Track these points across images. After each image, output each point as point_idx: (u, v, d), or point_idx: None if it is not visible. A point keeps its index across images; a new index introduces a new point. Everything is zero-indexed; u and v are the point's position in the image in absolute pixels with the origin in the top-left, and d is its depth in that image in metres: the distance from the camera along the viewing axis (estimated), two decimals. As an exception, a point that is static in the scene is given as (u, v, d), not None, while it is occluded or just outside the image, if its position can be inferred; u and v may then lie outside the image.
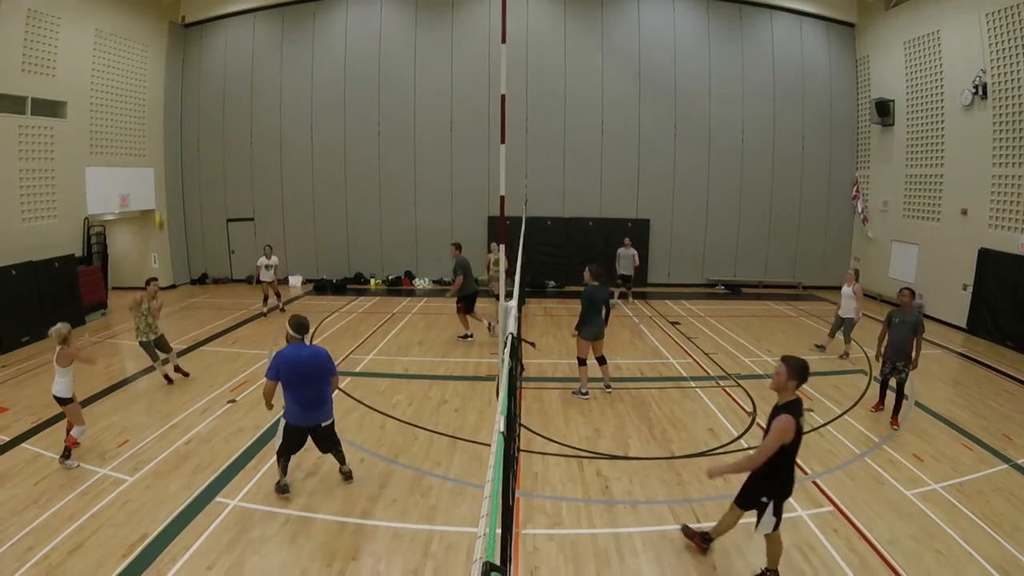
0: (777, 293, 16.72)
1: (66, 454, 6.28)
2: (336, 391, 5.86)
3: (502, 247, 5.68)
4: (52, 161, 12.50)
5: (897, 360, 7.46)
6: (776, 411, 4.33)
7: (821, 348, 10.97)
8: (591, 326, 8.19)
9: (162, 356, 8.89)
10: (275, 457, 5.79)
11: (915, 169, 14.50)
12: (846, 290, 10.25)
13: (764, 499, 4.36)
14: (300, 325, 5.51)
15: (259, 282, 13.51)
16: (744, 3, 16.52)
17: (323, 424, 5.62)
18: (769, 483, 4.34)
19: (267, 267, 13.30)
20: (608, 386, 8.61)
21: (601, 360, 8.54)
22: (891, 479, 6.18)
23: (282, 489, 5.67)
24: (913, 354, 7.45)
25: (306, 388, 5.41)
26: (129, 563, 4.68)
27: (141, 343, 8.72)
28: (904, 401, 7.60)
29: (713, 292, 16.95)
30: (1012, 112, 11.48)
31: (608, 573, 4.68)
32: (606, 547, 4.99)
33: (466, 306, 11.08)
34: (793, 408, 4.24)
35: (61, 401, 6.44)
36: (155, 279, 9.08)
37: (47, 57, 12.27)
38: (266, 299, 13.63)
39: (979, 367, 10.33)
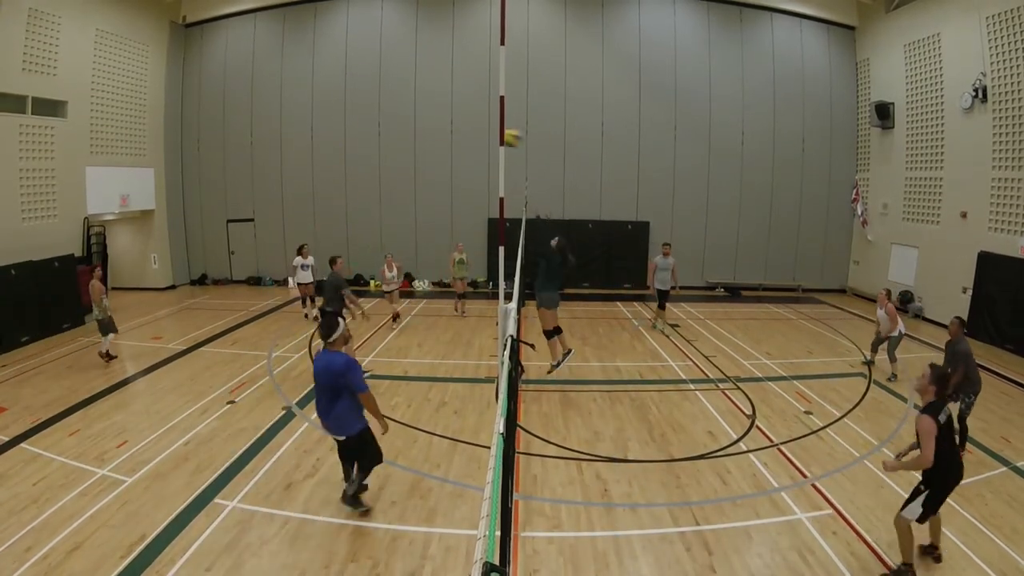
0: (777, 296, 16.73)
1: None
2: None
3: (501, 249, 5.67)
4: (52, 161, 12.50)
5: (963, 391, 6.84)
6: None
7: (869, 363, 10.36)
8: (551, 291, 8.17)
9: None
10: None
11: (915, 172, 14.51)
12: (880, 313, 9.74)
13: (921, 486, 4.65)
14: (323, 328, 5.21)
15: (300, 284, 12.83)
16: (744, 5, 16.55)
17: (339, 439, 5.35)
18: (928, 472, 4.61)
19: (303, 267, 12.75)
20: (559, 364, 8.49)
21: (557, 330, 8.48)
22: (890, 482, 6.17)
23: (349, 502, 5.47)
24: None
25: (320, 397, 5.22)
26: (128, 564, 4.67)
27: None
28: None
29: (712, 294, 16.95)
30: (1012, 115, 11.50)
31: (607, 576, 4.68)
32: (605, 550, 4.99)
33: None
34: (928, 409, 4.56)
35: None
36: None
37: (48, 56, 12.27)
38: (304, 302, 13.17)
39: (978, 370, 10.30)
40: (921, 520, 4.66)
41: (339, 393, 5.08)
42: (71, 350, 10.78)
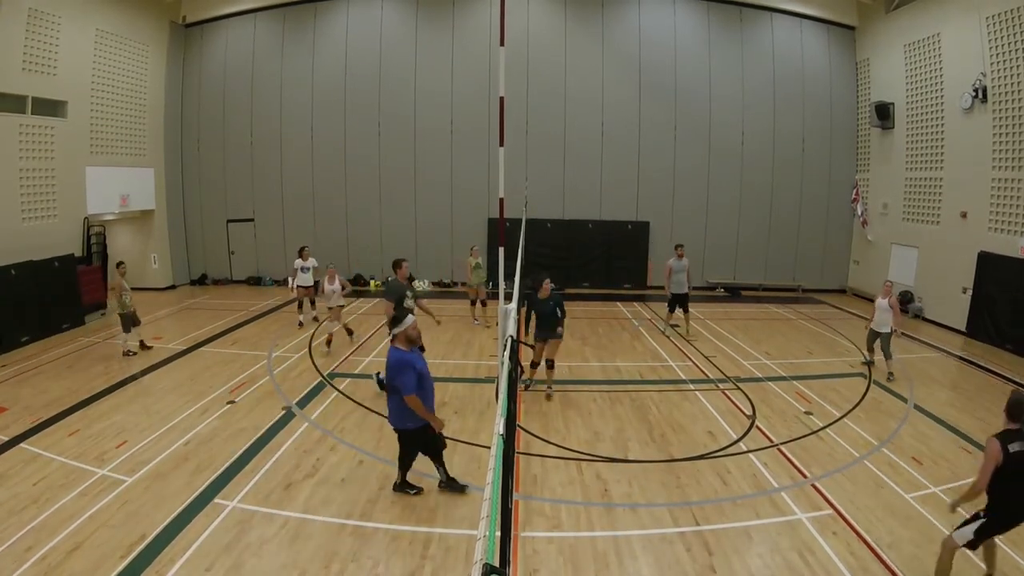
0: (777, 296, 16.73)
1: None
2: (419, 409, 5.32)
3: (501, 249, 5.67)
4: (52, 161, 12.49)
5: None
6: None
7: (869, 363, 10.13)
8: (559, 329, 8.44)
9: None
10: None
11: (915, 172, 14.51)
12: (882, 303, 9.41)
13: (981, 512, 4.34)
14: (392, 320, 5.49)
15: (299, 287, 12.32)
16: (744, 5, 16.54)
17: (393, 428, 5.61)
18: (991, 501, 4.31)
19: (303, 269, 12.29)
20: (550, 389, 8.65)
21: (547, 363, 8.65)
22: (890, 482, 6.18)
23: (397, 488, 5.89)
24: None
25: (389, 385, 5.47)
26: (128, 564, 4.67)
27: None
28: None
29: (712, 295, 16.95)
30: (1012, 115, 11.50)
31: (607, 576, 4.68)
32: (605, 550, 4.99)
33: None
34: (1001, 435, 4.31)
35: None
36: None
37: (48, 56, 12.27)
38: (301, 305, 12.62)
39: (978, 370, 10.34)
40: (971, 547, 4.37)
41: (396, 388, 5.28)
42: (71, 350, 10.77)
